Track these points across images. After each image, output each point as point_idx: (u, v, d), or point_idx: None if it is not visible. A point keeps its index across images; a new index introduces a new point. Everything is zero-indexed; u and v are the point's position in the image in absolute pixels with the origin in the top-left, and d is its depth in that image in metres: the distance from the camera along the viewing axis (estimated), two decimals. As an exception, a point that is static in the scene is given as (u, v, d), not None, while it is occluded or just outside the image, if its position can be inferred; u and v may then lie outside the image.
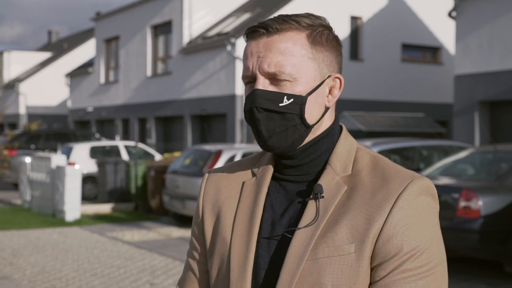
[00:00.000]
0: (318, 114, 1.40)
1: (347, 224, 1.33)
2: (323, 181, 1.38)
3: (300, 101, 1.36)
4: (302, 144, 1.40)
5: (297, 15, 1.40)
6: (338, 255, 1.31)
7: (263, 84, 1.36)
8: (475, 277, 7.92)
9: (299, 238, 1.34)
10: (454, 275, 7.86)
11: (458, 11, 15.96)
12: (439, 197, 8.40)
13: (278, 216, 1.40)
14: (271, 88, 1.37)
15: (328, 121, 1.44)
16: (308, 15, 1.41)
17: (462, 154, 9.50)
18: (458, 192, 7.67)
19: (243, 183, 1.48)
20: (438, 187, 8.02)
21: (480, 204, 7.53)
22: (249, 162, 1.53)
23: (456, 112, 16.12)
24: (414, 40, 23.96)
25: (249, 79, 1.40)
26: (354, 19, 22.75)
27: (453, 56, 18.19)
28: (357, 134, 17.89)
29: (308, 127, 1.38)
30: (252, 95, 1.37)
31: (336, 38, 1.43)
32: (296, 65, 1.36)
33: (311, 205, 1.36)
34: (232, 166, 1.55)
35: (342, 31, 22.03)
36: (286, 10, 21.11)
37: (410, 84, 23.63)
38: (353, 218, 1.33)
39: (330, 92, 1.42)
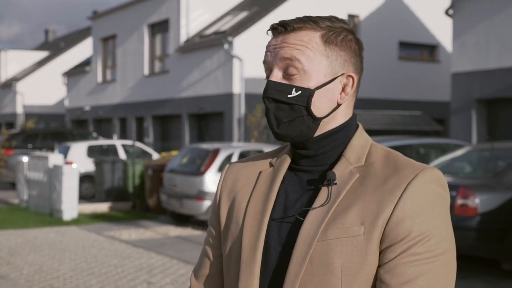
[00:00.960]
0: (328, 109, 1.45)
1: (358, 208, 1.37)
2: (337, 169, 1.44)
3: (307, 94, 1.43)
4: (316, 135, 1.46)
5: (318, 17, 1.48)
6: (347, 237, 1.36)
7: (276, 76, 1.45)
8: (472, 275, 7.92)
9: (310, 220, 1.39)
10: (452, 273, 7.86)
11: (455, 9, 15.97)
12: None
13: (292, 202, 1.46)
14: (283, 81, 1.45)
15: (342, 116, 1.49)
16: (331, 18, 1.48)
17: (459, 152, 9.51)
18: (455, 190, 7.67)
19: (260, 172, 1.56)
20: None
21: (477, 201, 7.53)
22: (268, 155, 1.61)
23: (453, 110, 16.13)
24: (411, 38, 23.97)
25: (268, 72, 1.48)
26: (351, 17, 22.74)
27: (450, 54, 18.20)
28: (355, 132, 17.88)
29: (316, 119, 1.44)
30: (266, 86, 1.46)
31: (356, 40, 1.49)
32: (309, 58, 1.43)
33: (324, 191, 1.42)
34: (252, 158, 1.63)
35: (339, 29, 22.00)
36: (283, 8, 21.10)
37: (408, 82, 23.64)
38: (364, 203, 1.38)
39: (343, 89, 1.47)
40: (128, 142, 18.99)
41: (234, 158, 11.78)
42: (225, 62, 20.88)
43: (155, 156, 18.01)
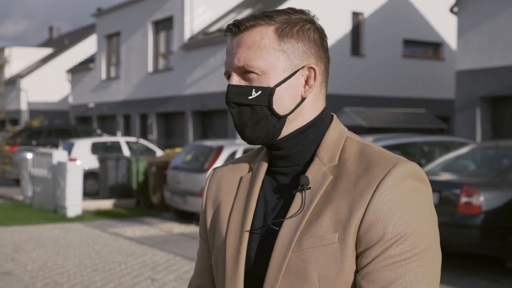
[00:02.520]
0: (291, 105, 1.40)
1: (331, 214, 1.32)
2: (310, 172, 1.38)
3: (268, 93, 1.38)
4: (286, 134, 1.41)
5: (274, 11, 1.42)
6: (322, 245, 1.31)
7: (235, 80, 1.41)
8: (476, 273, 7.91)
9: (285, 230, 1.35)
10: (455, 271, 7.85)
11: (459, 7, 15.93)
12: (440, 192, 8.28)
13: (270, 209, 1.42)
14: (242, 83, 1.40)
15: (311, 111, 1.43)
16: (287, 10, 1.42)
17: (463, 150, 9.49)
18: (460, 188, 7.66)
19: (241, 178, 1.51)
20: (439, 183, 8.03)
21: (482, 199, 7.52)
22: (248, 157, 1.56)
23: (457, 108, 16.11)
24: (416, 36, 23.92)
25: (227, 76, 1.44)
26: (355, 14, 22.72)
27: (455, 52, 18.16)
28: (359, 130, 17.86)
29: (280, 118, 1.39)
30: (226, 91, 1.42)
31: (315, 29, 1.42)
32: (263, 58, 1.38)
33: (298, 197, 1.37)
34: (233, 162, 1.58)
35: (343, 26, 22.00)
36: (287, 5, 21.08)
37: (412, 80, 23.61)
38: (336, 207, 1.32)
39: (306, 82, 1.42)
40: (132, 139, 19.01)
41: (238, 155, 11.77)
42: (229, 60, 20.86)
43: (159, 153, 18.02)
